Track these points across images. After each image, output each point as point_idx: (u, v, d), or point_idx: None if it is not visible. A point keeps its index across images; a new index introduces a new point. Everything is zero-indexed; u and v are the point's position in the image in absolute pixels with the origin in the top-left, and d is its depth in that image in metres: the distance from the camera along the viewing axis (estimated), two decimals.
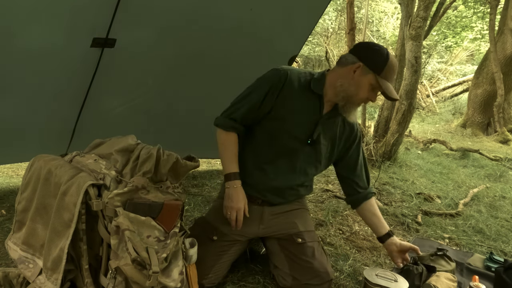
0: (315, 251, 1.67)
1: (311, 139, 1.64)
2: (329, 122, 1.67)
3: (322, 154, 1.71)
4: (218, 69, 2.48)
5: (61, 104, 2.21)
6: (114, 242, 1.07)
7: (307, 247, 1.67)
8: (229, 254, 1.67)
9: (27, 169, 1.26)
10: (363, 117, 4.50)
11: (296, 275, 1.62)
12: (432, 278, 1.71)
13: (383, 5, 10.39)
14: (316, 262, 1.63)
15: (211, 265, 1.59)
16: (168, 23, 2.07)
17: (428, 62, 9.67)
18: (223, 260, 1.64)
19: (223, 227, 1.66)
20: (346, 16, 4.70)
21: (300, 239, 1.69)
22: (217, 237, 1.65)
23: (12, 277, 1.36)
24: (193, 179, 3.15)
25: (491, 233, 2.55)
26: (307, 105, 1.62)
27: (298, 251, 1.67)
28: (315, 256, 1.65)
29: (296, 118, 1.62)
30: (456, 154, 4.87)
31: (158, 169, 1.13)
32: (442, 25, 9.01)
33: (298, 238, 1.69)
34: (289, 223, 1.73)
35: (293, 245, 1.68)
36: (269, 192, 1.70)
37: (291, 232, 1.71)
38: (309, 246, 1.68)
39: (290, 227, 1.72)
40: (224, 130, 1.63)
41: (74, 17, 1.77)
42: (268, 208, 1.73)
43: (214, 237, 1.64)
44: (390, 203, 3.00)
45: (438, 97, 9.34)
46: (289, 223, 1.73)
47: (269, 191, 1.70)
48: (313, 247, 1.68)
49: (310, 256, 1.65)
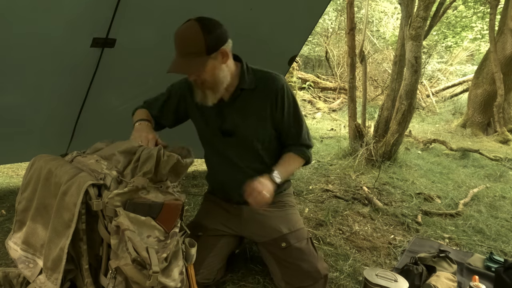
0: (302, 252, 1.64)
1: (223, 130, 1.62)
2: (239, 102, 1.59)
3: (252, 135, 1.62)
4: None
5: (61, 104, 2.22)
6: (114, 242, 1.07)
7: (293, 250, 1.64)
8: (218, 248, 1.69)
9: (27, 169, 1.26)
10: (363, 117, 4.50)
11: (288, 279, 1.62)
12: (432, 278, 1.71)
13: (383, 5, 10.39)
14: (304, 264, 1.61)
15: (201, 260, 1.58)
16: (167, 23, 2.07)
17: (428, 62, 9.66)
18: (213, 253, 1.66)
19: (207, 222, 1.71)
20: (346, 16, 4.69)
21: (284, 243, 1.65)
22: (202, 232, 1.69)
23: (12, 277, 1.36)
24: (193, 179, 3.16)
25: (491, 233, 2.55)
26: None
27: (284, 255, 1.65)
28: (303, 257, 1.63)
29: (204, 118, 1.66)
30: (456, 154, 4.87)
31: (158, 170, 1.14)
32: (442, 25, 9.00)
33: (282, 243, 1.65)
34: (272, 228, 1.69)
35: (279, 250, 1.66)
36: (232, 190, 1.70)
37: (275, 236, 1.68)
38: (295, 248, 1.64)
39: (273, 232, 1.68)
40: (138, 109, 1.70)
41: (74, 17, 1.77)
42: (246, 207, 1.66)
43: (199, 233, 1.68)
44: (390, 203, 3.00)
45: (438, 97, 9.33)
46: (272, 228, 1.69)
47: (231, 189, 1.71)
48: (299, 248, 1.64)
49: (297, 258, 1.63)
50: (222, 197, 1.78)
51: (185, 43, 1.39)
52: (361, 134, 4.21)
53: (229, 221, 1.73)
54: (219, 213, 1.76)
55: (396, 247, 2.24)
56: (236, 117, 1.60)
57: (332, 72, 9.76)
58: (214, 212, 1.77)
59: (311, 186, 3.24)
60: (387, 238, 2.37)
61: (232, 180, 1.68)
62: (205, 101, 1.53)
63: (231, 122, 1.60)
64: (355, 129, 4.25)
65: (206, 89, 1.50)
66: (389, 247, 2.25)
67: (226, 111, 1.61)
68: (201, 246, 1.60)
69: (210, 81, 1.47)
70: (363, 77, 4.83)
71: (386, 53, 9.53)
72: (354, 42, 4.27)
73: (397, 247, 2.24)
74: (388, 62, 9.13)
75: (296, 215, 1.80)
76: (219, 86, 1.51)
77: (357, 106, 4.42)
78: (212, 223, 1.72)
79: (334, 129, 6.19)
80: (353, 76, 4.33)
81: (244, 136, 1.62)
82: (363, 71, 4.80)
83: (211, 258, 1.65)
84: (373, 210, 2.80)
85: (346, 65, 4.83)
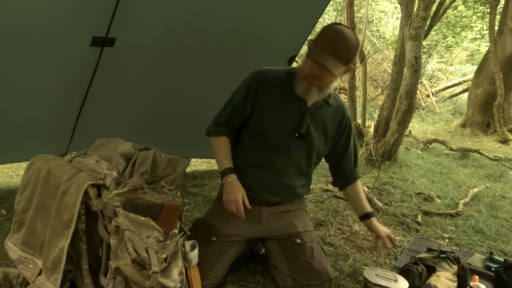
0: (314, 251, 1.67)
1: (299, 132, 1.65)
2: (318, 112, 1.68)
3: (314, 146, 1.71)
4: (218, 68, 2.47)
5: (61, 103, 2.21)
6: (114, 242, 1.06)
7: (306, 248, 1.67)
8: (228, 255, 1.67)
9: (26, 169, 1.26)
10: (363, 117, 4.50)
11: (296, 276, 1.62)
12: (432, 278, 1.71)
13: (383, 5, 10.38)
14: (315, 262, 1.63)
15: (211, 266, 1.59)
16: (167, 22, 2.07)
17: (428, 62, 9.66)
18: (222, 260, 1.64)
19: (221, 227, 1.66)
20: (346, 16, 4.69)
21: (299, 239, 1.68)
22: (216, 237, 1.65)
23: (12, 277, 1.36)
24: (193, 179, 3.15)
25: (491, 233, 2.55)
26: (290, 99, 1.64)
27: (297, 251, 1.66)
28: (314, 256, 1.65)
29: (280, 114, 1.65)
30: (456, 154, 4.87)
31: (154, 170, 1.15)
32: (442, 25, 9.00)
33: (297, 239, 1.69)
34: (287, 224, 1.73)
35: (292, 245, 1.68)
36: (265, 192, 1.70)
37: (289, 232, 1.70)
38: (308, 246, 1.68)
39: (288, 228, 1.72)
40: (215, 136, 1.72)
41: (74, 16, 1.77)
42: (266, 208, 1.72)
43: (213, 238, 1.64)
44: (390, 203, 3.00)
45: (438, 97, 9.33)
46: (287, 224, 1.73)
47: (265, 190, 1.70)
48: (312, 247, 1.68)
49: (309, 256, 1.65)
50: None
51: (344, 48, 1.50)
52: (361, 134, 4.20)
53: (246, 226, 1.67)
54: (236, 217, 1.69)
55: (396, 247, 2.24)
56: (311, 124, 1.67)
57: None
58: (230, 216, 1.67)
59: (311, 186, 3.24)
60: None
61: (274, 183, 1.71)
62: (307, 96, 1.62)
63: (306, 126, 1.66)
64: (355, 129, 4.24)
65: (315, 86, 1.57)
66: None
67: (306, 116, 1.66)
68: (213, 252, 1.61)
69: (326, 84, 1.58)
70: (363, 77, 4.83)
71: (386, 53, 9.52)
72: None
73: (397, 247, 2.24)
74: (388, 62, 9.13)
75: (308, 218, 1.86)
76: (326, 91, 1.63)
77: (357, 106, 4.42)
78: (227, 228, 1.66)
79: None
80: (353, 76, 4.33)
81: (311, 143, 1.69)
82: (363, 71, 4.80)
83: (220, 265, 1.64)
84: (373, 210, 2.79)
85: None
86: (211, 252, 1.60)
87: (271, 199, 1.72)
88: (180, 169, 1.24)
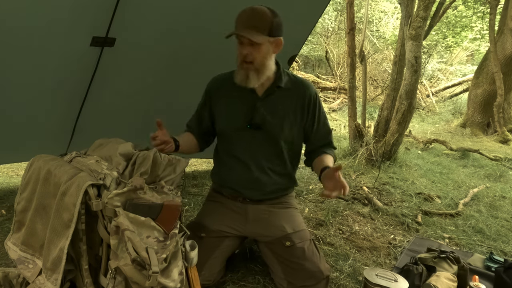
0: (305, 251, 1.65)
1: (251, 123, 1.66)
2: (271, 99, 1.67)
3: (277, 134, 1.68)
4: (218, 68, 2.46)
5: (61, 103, 2.21)
6: (114, 242, 1.06)
7: (296, 249, 1.66)
8: (220, 250, 1.68)
9: (26, 169, 1.26)
10: (363, 117, 4.50)
11: (290, 278, 1.62)
12: (432, 278, 1.71)
13: (383, 5, 10.38)
14: (307, 263, 1.62)
15: (203, 261, 1.58)
16: (167, 22, 2.07)
17: (428, 62, 9.66)
18: (215, 255, 1.66)
19: (210, 224, 1.70)
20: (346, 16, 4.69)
21: (288, 242, 1.67)
22: (205, 233, 1.68)
23: (12, 277, 1.36)
24: (193, 179, 3.15)
25: (491, 233, 2.55)
26: (241, 94, 1.66)
27: (288, 254, 1.66)
28: (306, 256, 1.64)
29: (232, 110, 1.69)
30: (456, 154, 4.87)
31: (154, 170, 1.15)
32: (442, 25, 9.00)
33: (286, 241, 1.67)
34: (276, 227, 1.72)
35: (283, 248, 1.67)
36: (243, 188, 1.72)
37: (279, 235, 1.70)
38: (299, 247, 1.66)
39: (277, 231, 1.71)
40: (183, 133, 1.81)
41: (74, 16, 1.77)
42: (251, 206, 1.74)
43: (202, 234, 1.67)
44: (390, 203, 3.00)
45: (438, 97, 9.32)
46: (276, 227, 1.72)
47: (243, 186, 1.72)
48: (303, 247, 1.66)
49: (300, 257, 1.64)
50: (229, 195, 1.78)
51: (254, 17, 1.49)
52: (361, 134, 4.20)
53: (233, 221, 1.73)
54: (223, 213, 1.75)
55: (396, 247, 2.24)
56: (266, 112, 1.66)
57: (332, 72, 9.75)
58: (218, 212, 1.76)
59: (311, 186, 3.23)
60: (387, 238, 2.37)
61: (248, 178, 1.71)
62: (247, 82, 1.58)
63: (261, 116, 1.65)
64: (355, 129, 4.24)
65: (251, 70, 1.56)
66: (389, 247, 2.25)
67: (258, 105, 1.65)
68: (204, 248, 1.60)
69: (259, 62, 1.55)
70: (363, 77, 4.83)
71: (386, 53, 9.52)
72: (354, 42, 4.26)
73: (397, 247, 2.24)
74: (388, 62, 9.12)
75: (299, 217, 1.83)
76: (264, 71, 1.58)
77: (357, 106, 4.42)
78: (215, 224, 1.70)
79: (334, 129, 6.19)
80: (353, 76, 4.32)
81: (271, 132, 1.67)
82: (363, 71, 4.79)
83: (213, 260, 1.65)
84: (373, 210, 2.80)
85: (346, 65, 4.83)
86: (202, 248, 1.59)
87: (252, 195, 1.73)
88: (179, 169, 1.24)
